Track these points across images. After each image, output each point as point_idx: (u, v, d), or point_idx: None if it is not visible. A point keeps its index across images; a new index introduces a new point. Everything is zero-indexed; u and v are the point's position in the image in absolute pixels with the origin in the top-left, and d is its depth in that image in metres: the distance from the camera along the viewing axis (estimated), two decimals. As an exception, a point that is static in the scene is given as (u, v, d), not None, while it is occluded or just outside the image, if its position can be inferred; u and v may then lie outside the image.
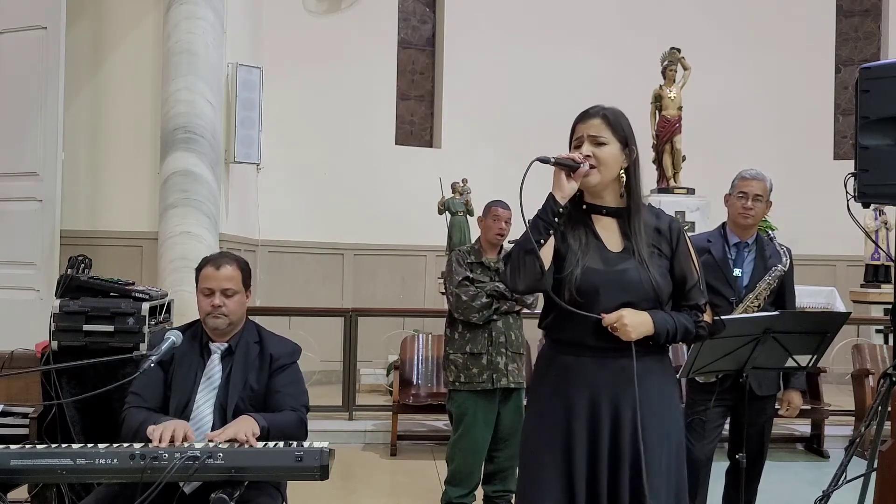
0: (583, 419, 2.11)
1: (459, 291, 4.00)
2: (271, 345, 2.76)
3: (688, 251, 2.25)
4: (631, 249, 2.16)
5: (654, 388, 2.14)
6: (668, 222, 2.26)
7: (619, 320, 2.06)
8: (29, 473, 2.22)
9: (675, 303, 2.22)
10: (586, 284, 2.10)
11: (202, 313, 2.72)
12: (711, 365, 3.01)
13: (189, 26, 6.25)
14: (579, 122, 2.20)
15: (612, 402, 2.10)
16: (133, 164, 6.61)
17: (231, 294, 2.69)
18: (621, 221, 2.20)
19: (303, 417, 2.66)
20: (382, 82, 9.52)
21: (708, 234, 3.58)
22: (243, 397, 2.64)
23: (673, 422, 2.19)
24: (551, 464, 2.11)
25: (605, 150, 2.14)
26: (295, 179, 8.71)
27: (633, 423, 2.08)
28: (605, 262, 2.14)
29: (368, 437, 6.11)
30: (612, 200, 2.21)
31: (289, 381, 2.71)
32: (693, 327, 2.20)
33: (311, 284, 8.78)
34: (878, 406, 3.07)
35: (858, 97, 2.95)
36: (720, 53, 9.77)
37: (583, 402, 2.11)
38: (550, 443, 2.12)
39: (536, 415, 2.23)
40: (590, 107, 2.22)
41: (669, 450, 2.16)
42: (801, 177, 9.52)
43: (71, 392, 3.25)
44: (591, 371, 2.12)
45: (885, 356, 6.02)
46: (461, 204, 8.53)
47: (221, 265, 2.74)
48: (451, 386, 4.12)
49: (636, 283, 2.12)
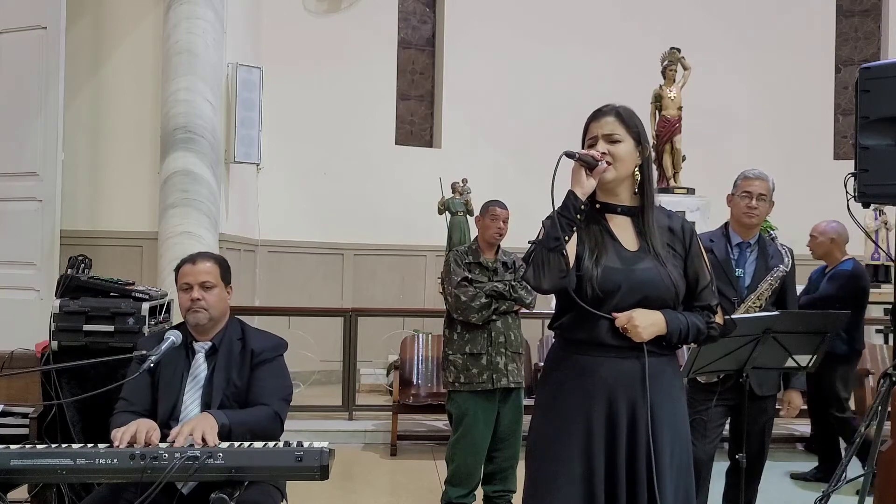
0: (601, 421, 2.09)
1: (458, 292, 4.00)
2: (254, 340, 2.75)
3: (700, 251, 2.25)
4: (647, 248, 2.15)
5: (666, 389, 2.13)
6: (681, 223, 2.26)
7: (629, 321, 2.06)
8: (29, 473, 2.22)
9: (687, 303, 2.21)
10: (607, 283, 2.09)
11: (182, 310, 2.72)
12: (711, 365, 3.02)
13: (189, 26, 6.26)
14: (593, 120, 2.20)
15: (628, 403, 2.09)
16: (133, 164, 6.61)
17: (209, 287, 2.70)
18: (635, 220, 2.19)
19: (276, 411, 2.63)
20: (382, 82, 9.52)
21: (710, 233, 3.57)
22: (227, 394, 2.64)
23: (683, 423, 2.19)
24: (569, 466, 2.08)
25: (620, 147, 2.14)
26: (295, 179, 8.71)
27: (647, 425, 2.07)
28: (623, 261, 2.13)
29: (368, 437, 6.11)
30: (626, 199, 2.20)
31: (267, 376, 2.69)
32: (705, 328, 2.19)
33: (311, 284, 8.78)
34: (878, 406, 3.07)
35: (858, 97, 2.96)
36: (720, 53, 9.77)
37: (601, 403, 2.09)
38: (568, 445, 2.09)
39: (550, 417, 2.17)
40: (602, 105, 2.22)
41: (681, 451, 2.15)
42: (801, 177, 9.52)
43: (71, 392, 3.24)
44: (608, 372, 2.10)
45: (885, 356, 6.02)
46: (461, 204, 8.53)
47: (198, 260, 2.77)
48: (451, 387, 4.12)
49: (655, 281, 2.11)
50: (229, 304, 2.82)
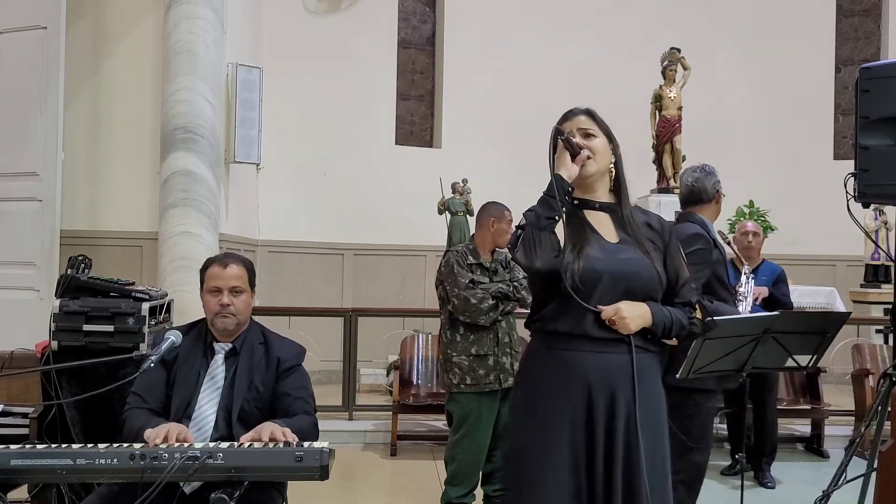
0: (581, 416, 2.08)
1: (468, 295, 3.98)
2: (277, 347, 2.73)
3: (678, 248, 2.27)
4: (629, 239, 2.17)
5: (649, 384, 2.13)
6: (659, 219, 2.30)
7: (616, 313, 2.06)
8: (29, 473, 2.22)
9: (667, 300, 2.21)
10: (589, 272, 2.08)
11: (210, 313, 2.68)
12: (711, 365, 3.01)
13: (189, 26, 6.26)
14: (566, 120, 2.23)
15: (607, 397, 2.07)
16: (133, 164, 6.61)
17: (239, 293, 2.68)
18: (613, 216, 2.22)
19: (315, 420, 2.65)
20: (382, 82, 9.53)
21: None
22: (248, 399, 2.62)
23: (663, 420, 2.19)
24: (555, 464, 2.07)
25: (596, 141, 2.19)
26: (295, 179, 8.71)
27: (627, 420, 2.06)
28: (606, 251, 2.13)
29: (368, 437, 6.11)
30: (603, 195, 2.23)
31: (299, 385, 2.69)
32: (687, 323, 2.20)
33: (311, 284, 8.78)
34: (878, 406, 3.07)
35: (858, 97, 2.96)
36: (720, 53, 9.77)
37: (581, 398, 2.08)
38: (554, 442, 2.08)
39: (533, 415, 2.15)
40: (568, 109, 2.26)
41: (663, 448, 2.15)
42: (801, 177, 9.53)
43: (71, 392, 3.24)
44: (591, 366, 2.09)
45: (885, 356, 6.02)
46: (461, 204, 8.54)
47: (228, 264, 2.72)
48: (455, 388, 4.09)
49: (640, 270, 2.12)
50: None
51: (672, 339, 2.23)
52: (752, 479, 4.96)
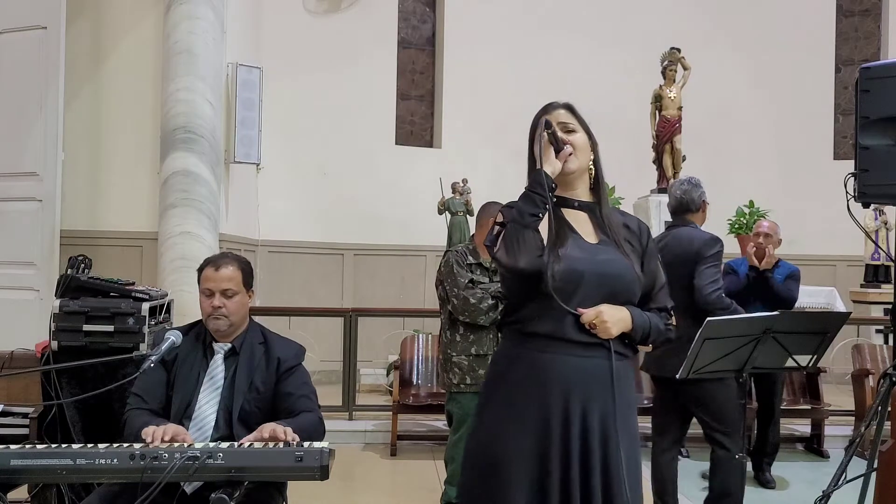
0: (557, 421, 1.99)
1: (468, 295, 3.97)
2: (277, 347, 2.73)
3: (655, 251, 2.21)
4: (608, 240, 2.11)
5: (623, 391, 2.05)
6: (637, 222, 2.23)
7: (598, 316, 1.99)
8: (29, 473, 2.22)
9: (642, 304, 2.14)
10: (570, 272, 2.01)
11: (203, 314, 2.70)
12: (711, 365, 3.02)
13: (189, 26, 6.26)
14: (545, 113, 2.15)
15: (582, 402, 2.00)
16: (133, 164, 6.61)
17: (231, 295, 2.68)
18: (592, 216, 2.16)
19: (321, 417, 2.64)
20: (382, 82, 9.52)
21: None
22: (249, 399, 2.62)
23: (635, 426, 2.12)
24: (522, 471, 1.98)
25: (577, 136, 2.13)
26: (295, 179, 8.71)
27: (603, 426, 1.99)
28: (585, 251, 2.06)
29: (368, 437, 6.11)
30: (582, 193, 2.17)
31: (301, 383, 2.69)
32: (664, 328, 2.14)
33: (311, 284, 8.78)
34: (878, 406, 3.07)
35: (858, 97, 2.95)
36: (720, 53, 9.77)
37: (557, 402, 1.99)
38: (523, 447, 1.99)
39: (501, 418, 2.05)
40: (547, 103, 2.19)
41: (636, 457, 2.09)
42: (801, 177, 9.54)
43: (71, 392, 3.25)
44: (569, 370, 2.00)
45: (885, 356, 6.02)
46: (461, 204, 8.54)
47: (221, 266, 2.72)
48: (455, 388, 4.08)
49: (622, 272, 2.06)
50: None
51: (648, 346, 2.17)
52: (753, 479, 4.96)
